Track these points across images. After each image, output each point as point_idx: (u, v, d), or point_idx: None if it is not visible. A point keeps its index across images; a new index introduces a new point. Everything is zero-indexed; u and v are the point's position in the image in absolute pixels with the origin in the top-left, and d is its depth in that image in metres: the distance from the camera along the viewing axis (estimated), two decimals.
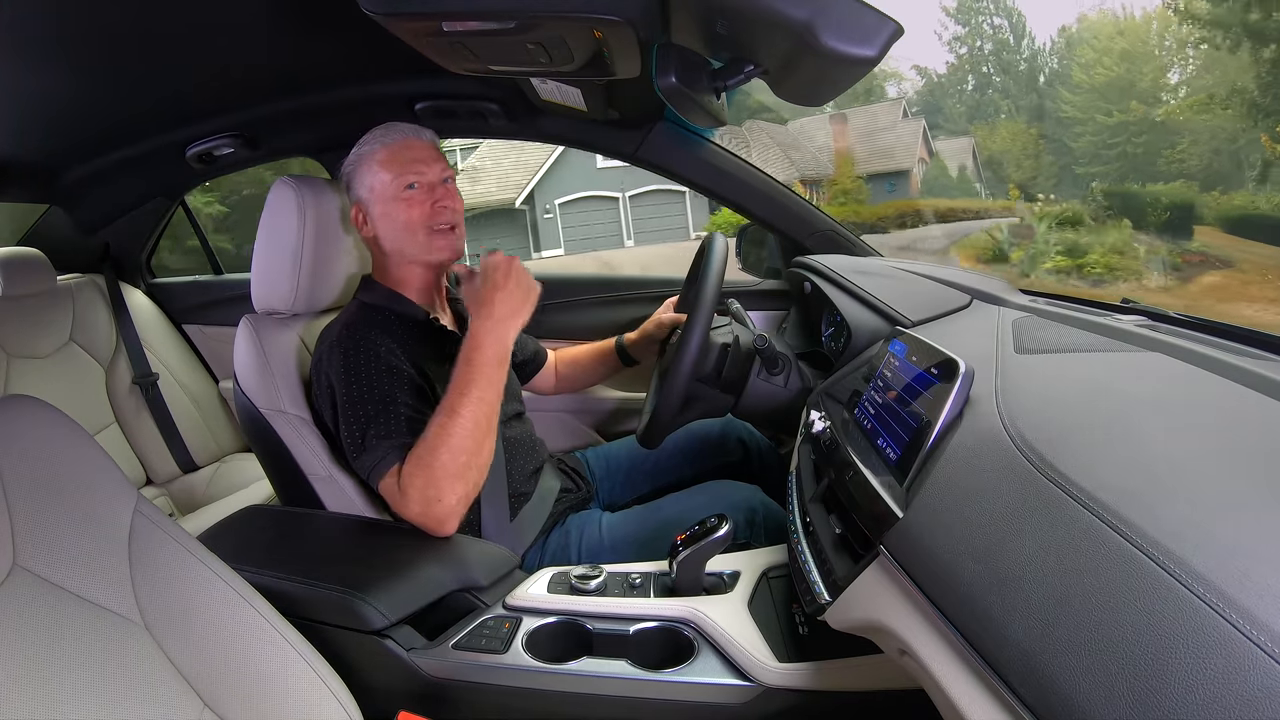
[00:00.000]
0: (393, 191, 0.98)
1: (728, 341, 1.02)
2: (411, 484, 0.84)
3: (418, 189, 0.98)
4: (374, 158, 0.99)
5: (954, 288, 1.00)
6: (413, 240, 0.99)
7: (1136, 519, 0.37)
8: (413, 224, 0.98)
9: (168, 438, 1.69)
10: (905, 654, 0.51)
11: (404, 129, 1.00)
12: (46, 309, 1.59)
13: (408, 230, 0.98)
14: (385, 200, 0.98)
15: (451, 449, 0.84)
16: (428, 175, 0.99)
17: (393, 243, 1.00)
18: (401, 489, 0.85)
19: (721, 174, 1.41)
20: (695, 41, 0.76)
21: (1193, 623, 0.31)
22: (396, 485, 0.86)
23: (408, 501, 0.85)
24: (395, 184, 0.98)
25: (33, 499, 0.58)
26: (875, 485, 0.59)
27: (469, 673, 0.77)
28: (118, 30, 0.94)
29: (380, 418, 0.88)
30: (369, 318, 0.96)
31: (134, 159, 1.51)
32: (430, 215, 0.98)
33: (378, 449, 0.87)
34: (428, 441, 0.85)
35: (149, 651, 0.59)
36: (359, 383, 0.90)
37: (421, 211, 0.98)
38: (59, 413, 0.63)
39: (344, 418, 0.90)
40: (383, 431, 0.88)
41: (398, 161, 0.98)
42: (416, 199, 0.98)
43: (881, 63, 0.62)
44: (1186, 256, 6.10)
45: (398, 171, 0.97)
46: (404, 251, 1.00)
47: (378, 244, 1.01)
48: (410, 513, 0.85)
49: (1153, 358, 0.58)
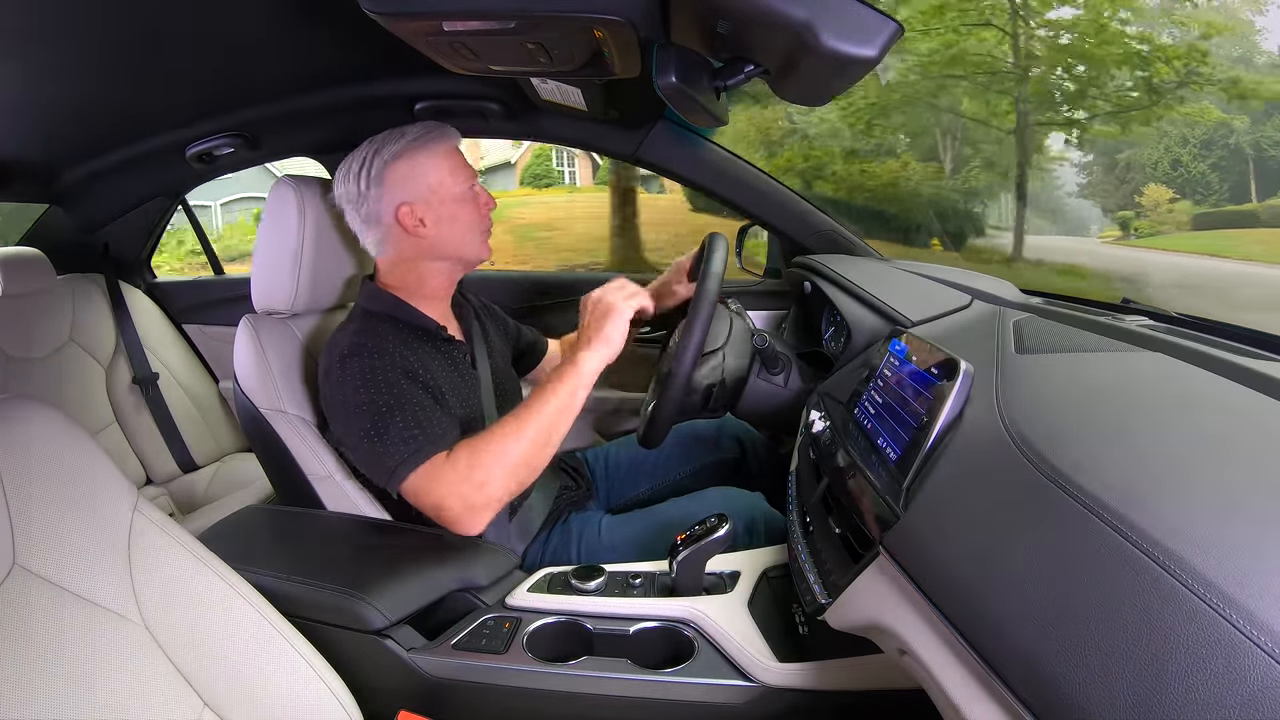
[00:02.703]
0: (459, 192, 0.98)
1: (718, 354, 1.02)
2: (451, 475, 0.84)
3: (475, 190, 1.01)
4: (433, 155, 0.97)
5: (954, 288, 1.00)
6: (470, 241, 1.01)
7: (1136, 519, 0.37)
8: (473, 225, 1.00)
9: (168, 437, 1.69)
10: (905, 654, 0.51)
11: (450, 131, 1.01)
12: (46, 309, 1.59)
13: (469, 231, 1.00)
14: (449, 200, 0.98)
15: (504, 452, 0.85)
16: (476, 178, 1.02)
17: (449, 244, 0.99)
18: (435, 481, 0.84)
19: (721, 174, 1.41)
20: (695, 41, 0.76)
21: (1193, 623, 0.31)
22: (427, 478, 0.84)
23: (438, 495, 0.83)
24: (462, 185, 0.99)
25: (33, 499, 0.58)
26: (875, 485, 0.59)
27: (469, 673, 0.77)
28: (118, 30, 0.94)
29: (400, 417, 0.86)
30: (376, 327, 0.94)
31: (134, 159, 1.51)
32: (483, 216, 1.02)
33: (404, 447, 0.85)
34: (484, 438, 0.86)
35: (149, 651, 0.59)
36: (374, 387, 0.88)
37: (480, 213, 1.01)
38: (59, 413, 0.63)
39: (359, 423, 0.87)
40: (405, 433, 0.85)
41: (459, 163, 1.00)
42: (475, 200, 1.00)
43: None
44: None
45: (464, 174, 0.99)
46: (458, 252, 1.01)
47: (423, 246, 0.99)
48: (439, 505, 0.84)
49: (1153, 358, 0.58)
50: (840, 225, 1.43)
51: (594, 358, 0.91)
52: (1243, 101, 5.93)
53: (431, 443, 0.86)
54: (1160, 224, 7.32)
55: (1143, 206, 7.33)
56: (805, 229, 1.42)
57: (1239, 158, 6.64)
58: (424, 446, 0.85)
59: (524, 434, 0.86)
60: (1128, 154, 7.29)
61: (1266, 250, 6.24)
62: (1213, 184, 6.78)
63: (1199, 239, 6.94)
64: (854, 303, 1.02)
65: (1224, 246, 6.53)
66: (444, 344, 1.01)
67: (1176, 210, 7.15)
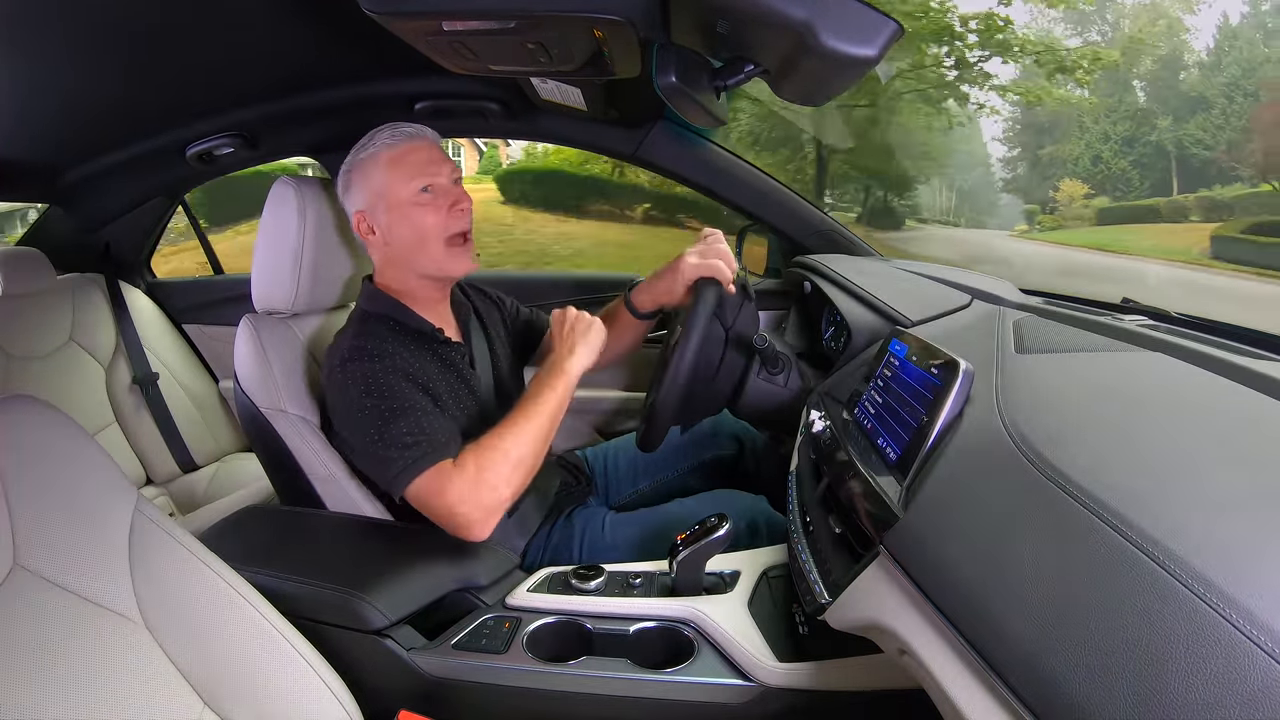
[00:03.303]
0: (406, 196, 0.93)
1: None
2: (461, 481, 0.83)
3: (432, 192, 0.93)
4: (378, 160, 0.94)
5: (954, 287, 1.00)
6: (425, 252, 0.94)
7: (1137, 519, 0.37)
8: (428, 232, 0.93)
9: (168, 437, 1.69)
10: (905, 654, 0.51)
11: (409, 129, 0.95)
12: (46, 308, 1.59)
13: (422, 240, 0.94)
14: (397, 206, 0.93)
15: (509, 453, 0.85)
16: (440, 177, 0.94)
17: (404, 253, 0.96)
18: (445, 487, 0.83)
19: (721, 173, 1.41)
20: (695, 41, 0.76)
21: (1193, 622, 0.31)
22: (437, 484, 0.83)
23: (450, 500, 0.83)
24: (408, 187, 0.92)
25: (33, 498, 0.58)
26: (875, 485, 0.59)
27: (469, 673, 0.77)
28: (118, 30, 0.94)
29: (404, 423, 0.86)
30: (375, 330, 0.94)
31: (134, 159, 1.51)
32: (447, 221, 0.94)
33: (408, 453, 0.84)
34: (488, 443, 0.86)
35: (149, 651, 0.59)
36: (376, 392, 0.87)
37: (438, 218, 0.93)
38: (59, 412, 0.63)
39: (363, 428, 0.87)
40: (409, 438, 0.85)
41: (408, 163, 0.93)
42: (433, 203, 0.93)
43: None
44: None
45: (410, 174, 0.92)
46: (415, 263, 0.96)
47: (387, 255, 0.97)
48: (452, 511, 0.83)
49: (1153, 357, 0.58)
50: (840, 225, 1.43)
51: (578, 363, 0.95)
52: (1069, 74, 5.89)
53: (435, 449, 0.86)
54: (1066, 219, 7.56)
55: (1058, 202, 7.59)
56: (805, 229, 1.42)
57: (1162, 154, 6.69)
58: (427, 453, 0.85)
59: (524, 435, 0.87)
60: (1050, 149, 7.41)
61: (1156, 245, 6.32)
62: (1133, 180, 6.89)
63: (1095, 234, 7.12)
64: (854, 303, 1.02)
65: (1113, 241, 6.72)
66: (441, 346, 1.00)
67: (1091, 205, 7.38)
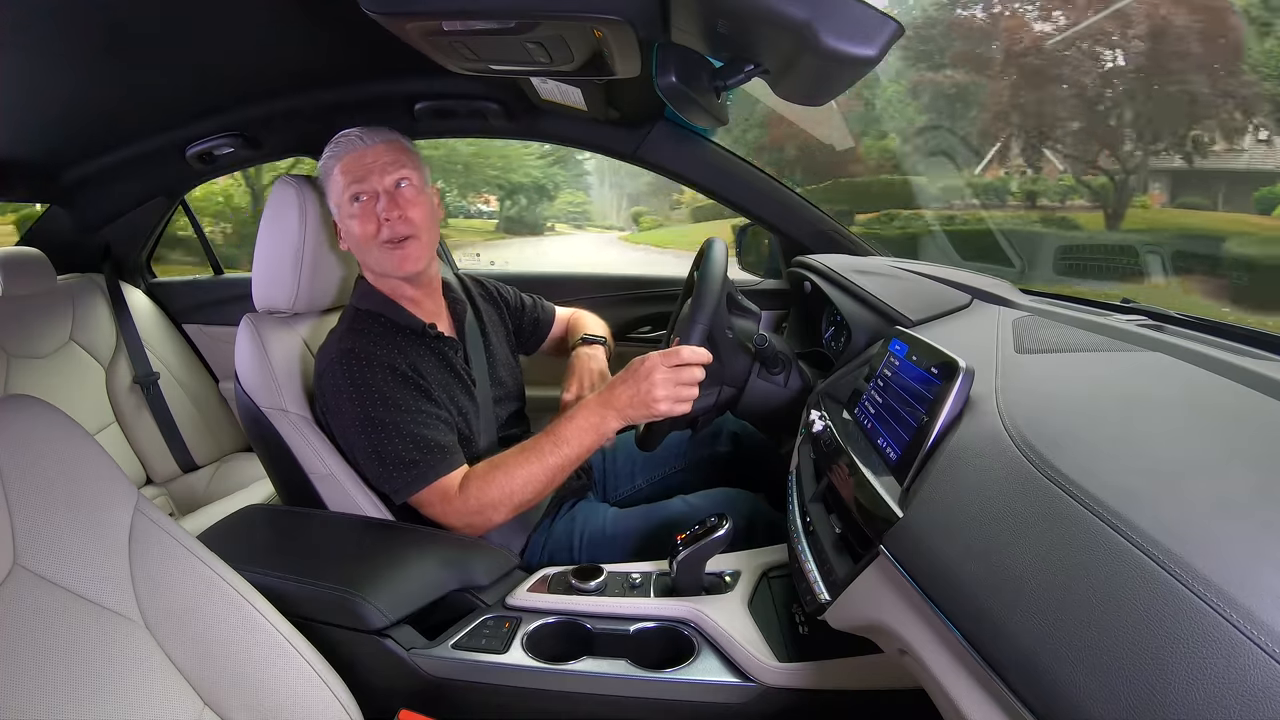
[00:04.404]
0: (344, 204, 0.95)
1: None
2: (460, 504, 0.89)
3: (365, 200, 0.94)
4: (330, 168, 0.96)
5: (954, 287, 1.00)
6: (369, 255, 0.96)
7: (1137, 519, 0.37)
8: (365, 239, 0.94)
9: (168, 437, 1.69)
10: (905, 653, 0.51)
11: (353, 136, 0.96)
12: (46, 309, 1.59)
13: (363, 245, 0.95)
14: (342, 216, 0.97)
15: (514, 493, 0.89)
16: (374, 184, 0.93)
17: (359, 256, 0.99)
18: (442, 509, 0.90)
19: (721, 173, 1.41)
20: (695, 41, 0.76)
21: (1193, 622, 0.31)
22: (434, 501, 0.90)
23: (459, 509, 0.89)
24: (344, 196, 0.95)
25: (33, 498, 0.58)
26: (875, 485, 0.59)
27: (469, 672, 0.77)
28: (118, 30, 0.94)
29: (399, 439, 0.89)
30: (366, 328, 0.95)
31: (134, 159, 1.51)
32: (379, 229, 0.94)
33: (407, 473, 0.89)
34: (493, 477, 0.89)
35: (149, 651, 0.59)
36: (366, 398, 0.89)
37: (368, 227, 0.94)
38: (59, 413, 0.63)
39: (358, 437, 0.90)
40: (407, 455, 0.89)
41: (349, 172, 0.94)
42: (365, 212, 0.94)
43: None
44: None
45: (346, 183, 0.94)
46: (369, 265, 0.99)
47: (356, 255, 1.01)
48: (458, 519, 0.90)
49: (1153, 358, 0.58)
50: (840, 225, 1.43)
51: (617, 424, 0.90)
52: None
53: (432, 469, 0.89)
54: (667, 220, 9.04)
55: (681, 203, 9.11)
56: (805, 229, 1.42)
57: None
58: (425, 473, 0.89)
59: (534, 478, 0.89)
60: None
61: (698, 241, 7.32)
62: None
63: (669, 234, 8.51)
64: (854, 303, 1.02)
65: (680, 236, 8.13)
66: (434, 341, 1.01)
67: (686, 206, 8.86)
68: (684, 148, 1.38)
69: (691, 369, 0.87)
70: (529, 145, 8.02)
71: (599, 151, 1.48)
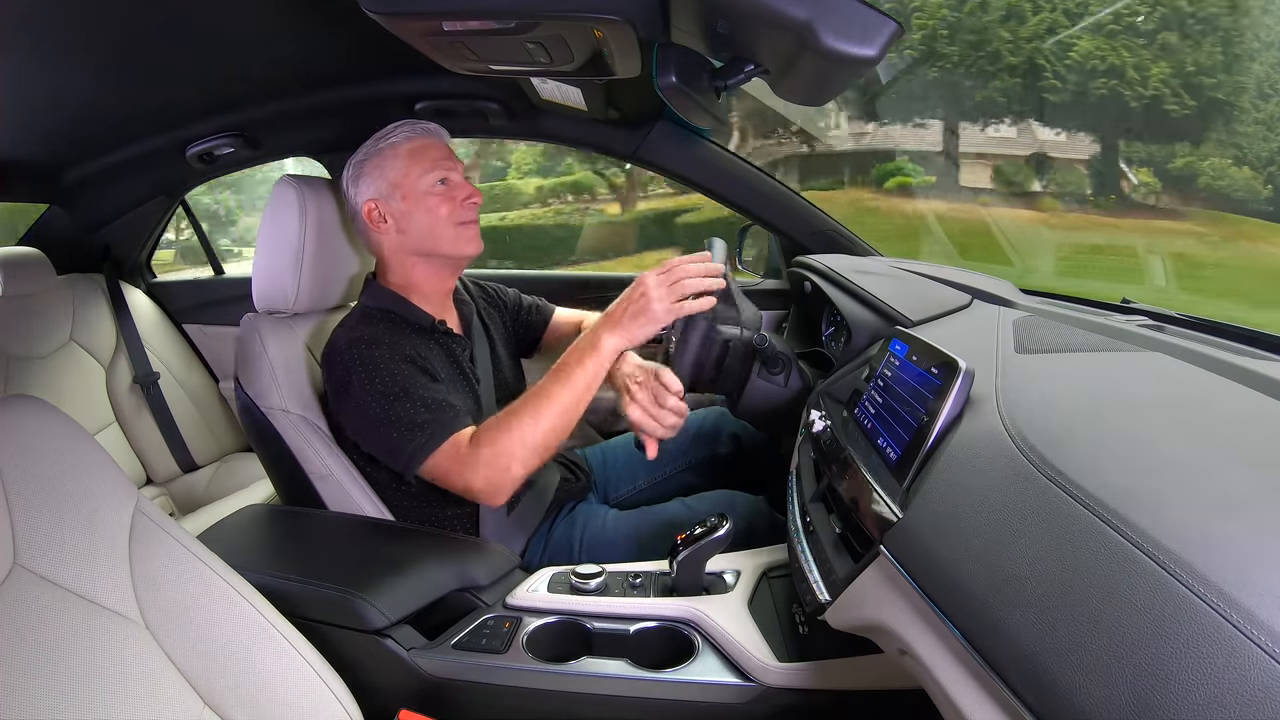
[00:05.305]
0: (424, 187, 0.99)
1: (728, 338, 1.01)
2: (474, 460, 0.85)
3: (448, 185, 1.00)
4: (399, 152, 0.99)
5: (954, 287, 1.00)
6: (442, 236, 1.00)
7: (1137, 519, 0.37)
8: (443, 219, 0.99)
9: (168, 437, 1.69)
10: (905, 654, 0.51)
11: (427, 126, 1.02)
12: (46, 309, 1.59)
13: (438, 225, 0.99)
14: (414, 196, 0.99)
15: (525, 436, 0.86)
16: (455, 173, 1.01)
17: (419, 239, 1.00)
18: (458, 468, 0.86)
19: (721, 173, 1.41)
20: (695, 41, 0.76)
21: (1193, 623, 0.31)
22: (448, 464, 0.86)
23: (475, 462, 0.85)
24: (426, 180, 0.99)
25: (33, 498, 0.58)
26: (875, 485, 0.59)
27: (469, 672, 0.77)
28: (119, 31, 0.94)
29: (408, 403, 0.88)
30: (375, 322, 0.96)
31: (134, 159, 1.51)
32: (459, 211, 1.00)
33: (419, 435, 0.87)
34: (504, 423, 0.86)
35: (149, 651, 0.59)
36: (377, 376, 0.89)
37: (451, 208, 1.00)
38: (59, 413, 0.63)
39: (368, 412, 0.89)
40: (418, 417, 0.87)
41: (427, 157, 0.99)
42: (448, 195, 1.00)
43: None
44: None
45: (427, 167, 0.99)
46: (431, 248, 1.01)
47: (399, 242, 1.01)
48: (477, 478, 0.85)
49: (1153, 358, 0.58)
50: (840, 225, 1.43)
51: (614, 340, 0.90)
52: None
53: (444, 427, 0.87)
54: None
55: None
56: (805, 229, 1.42)
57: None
58: (437, 432, 0.87)
59: (543, 416, 0.87)
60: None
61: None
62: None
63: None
64: (854, 303, 1.02)
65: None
66: (443, 337, 1.02)
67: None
68: (684, 148, 1.39)
69: (685, 267, 0.90)
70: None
71: (599, 152, 1.48)
